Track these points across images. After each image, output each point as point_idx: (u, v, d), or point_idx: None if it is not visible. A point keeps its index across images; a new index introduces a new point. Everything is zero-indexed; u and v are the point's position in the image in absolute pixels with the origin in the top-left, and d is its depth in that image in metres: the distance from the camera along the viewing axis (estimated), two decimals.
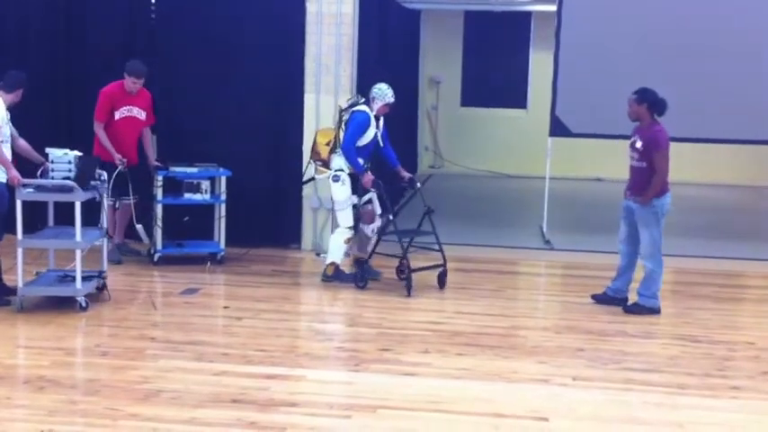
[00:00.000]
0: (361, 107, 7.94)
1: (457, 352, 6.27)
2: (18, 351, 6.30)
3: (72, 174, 7.01)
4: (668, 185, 7.33)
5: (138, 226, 8.52)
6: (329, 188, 8.21)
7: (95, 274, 7.35)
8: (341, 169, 7.97)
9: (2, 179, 6.95)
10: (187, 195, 8.57)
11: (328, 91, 9.17)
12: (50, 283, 7.23)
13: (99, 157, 7.93)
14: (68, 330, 6.61)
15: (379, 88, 7.94)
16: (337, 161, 8.00)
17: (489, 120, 16.49)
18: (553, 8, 10.63)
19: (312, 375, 5.84)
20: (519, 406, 5.33)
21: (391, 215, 7.86)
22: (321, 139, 8.13)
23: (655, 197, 7.23)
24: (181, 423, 4.91)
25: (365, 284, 7.91)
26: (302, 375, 5.81)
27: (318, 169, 8.24)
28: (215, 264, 8.63)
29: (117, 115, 8.41)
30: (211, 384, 5.51)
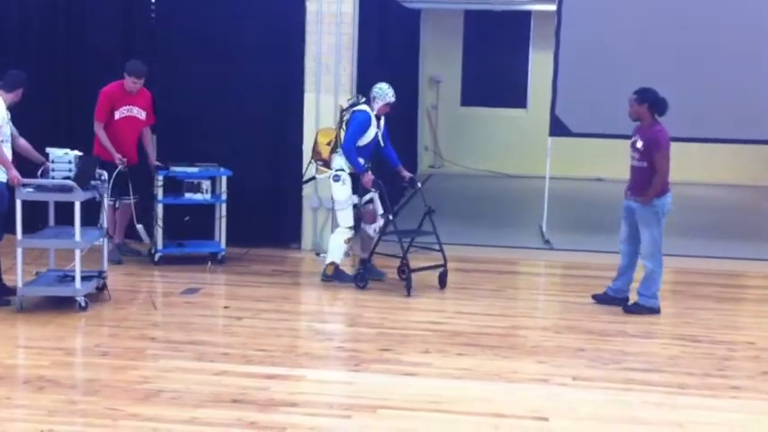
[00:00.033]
0: (361, 107, 7.93)
1: (457, 352, 6.27)
2: (18, 351, 6.29)
3: (72, 174, 7.01)
4: (669, 185, 7.33)
5: (139, 226, 8.52)
6: (329, 188, 8.20)
7: (95, 274, 7.35)
8: (341, 169, 7.97)
9: (2, 179, 6.95)
10: (188, 195, 8.57)
11: (328, 90, 9.17)
12: (50, 283, 7.23)
13: (99, 157, 7.93)
14: (68, 330, 6.61)
15: (379, 88, 7.94)
16: (338, 161, 8.00)
17: (489, 119, 16.49)
18: (553, 7, 10.63)
19: (312, 375, 5.84)
20: (519, 406, 5.33)
21: (391, 215, 7.86)
22: (322, 139, 8.13)
23: (655, 197, 7.23)
24: (181, 423, 4.91)
25: (365, 284, 7.91)
26: (302, 375, 5.81)
27: (319, 169, 8.23)
28: (216, 263, 8.63)
29: (117, 115, 8.41)
30: (211, 384, 5.51)
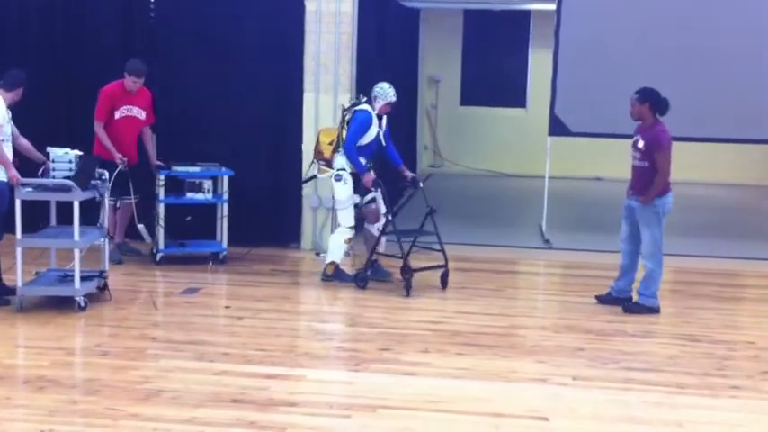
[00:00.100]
0: (363, 106, 7.93)
1: (456, 351, 6.27)
2: (18, 351, 6.30)
3: (72, 173, 7.01)
4: (670, 185, 7.32)
5: (140, 225, 8.52)
6: (330, 187, 8.19)
7: (96, 274, 7.35)
8: (343, 168, 7.96)
9: (2, 178, 6.95)
10: (189, 195, 8.57)
11: (327, 90, 9.17)
12: (50, 283, 7.23)
13: (99, 157, 7.93)
14: (68, 330, 6.62)
15: (380, 87, 7.94)
16: (340, 160, 7.99)
17: (489, 119, 16.49)
18: (552, 7, 10.63)
19: (312, 375, 5.84)
20: (518, 405, 5.34)
21: (390, 215, 7.85)
22: (324, 139, 8.13)
23: (656, 197, 7.23)
24: (181, 423, 4.92)
25: (365, 284, 7.91)
26: (302, 375, 5.81)
27: (321, 169, 8.20)
28: (217, 263, 8.63)
29: (117, 114, 8.41)
30: (211, 384, 5.51)
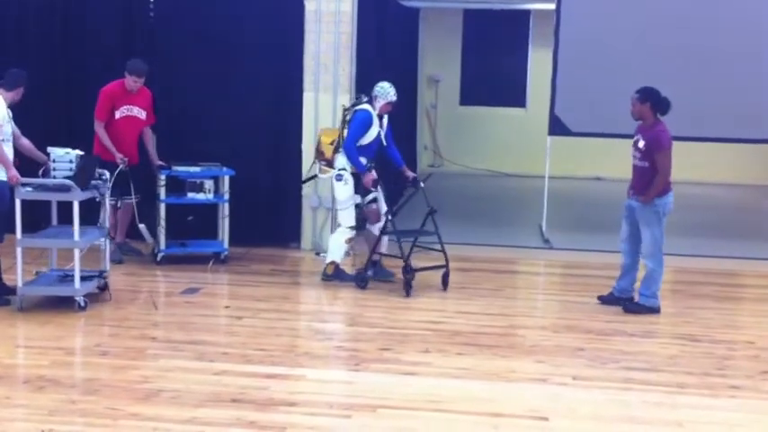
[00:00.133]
0: (363, 106, 7.92)
1: (456, 351, 6.27)
2: (18, 351, 6.30)
3: (73, 173, 7.02)
4: (671, 185, 7.32)
5: (141, 225, 8.52)
6: (329, 187, 8.18)
7: (96, 274, 7.35)
8: (344, 168, 7.96)
9: (2, 177, 6.96)
10: (190, 195, 8.56)
11: (327, 89, 9.16)
12: (51, 283, 7.23)
13: (99, 157, 7.92)
14: (68, 330, 6.62)
15: (381, 87, 7.93)
16: (341, 160, 7.98)
17: (488, 118, 16.49)
18: (552, 6, 10.63)
19: (312, 375, 5.84)
20: (518, 405, 5.34)
21: (390, 215, 7.85)
22: (325, 139, 8.13)
23: (657, 197, 7.22)
24: (181, 423, 4.92)
25: (365, 284, 7.91)
26: (302, 375, 5.81)
27: (322, 169, 8.18)
28: (219, 263, 8.63)
29: (117, 114, 8.41)
30: (211, 384, 5.52)
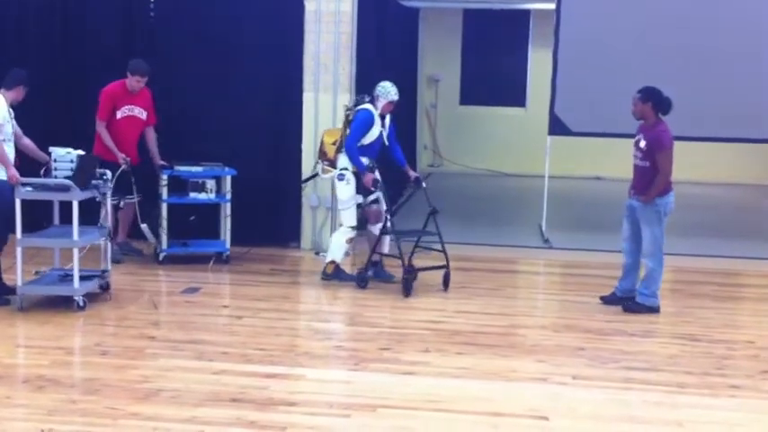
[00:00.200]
0: (365, 106, 7.92)
1: (456, 351, 6.27)
2: (17, 350, 6.30)
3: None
4: (671, 185, 7.32)
5: (143, 225, 8.52)
6: (329, 187, 8.17)
7: (97, 274, 7.35)
8: (346, 168, 7.95)
9: (3, 177, 6.96)
10: (192, 195, 8.55)
11: (327, 89, 9.16)
12: (51, 283, 7.23)
13: (99, 157, 7.92)
14: (68, 330, 6.62)
15: (382, 86, 7.93)
16: (343, 160, 7.97)
17: (488, 118, 16.49)
18: (552, 6, 10.63)
19: (311, 374, 5.84)
20: (518, 405, 5.34)
21: (390, 215, 7.85)
22: (328, 139, 8.12)
23: (658, 196, 7.22)
24: (180, 422, 4.92)
25: (366, 284, 7.91)
26: (302, 374, 5.81)
27: (325, 169, 8.16)
28: (221, 263, 8.62)
29: (118, 114, 8.42)
30: (211, 383, 5.51)
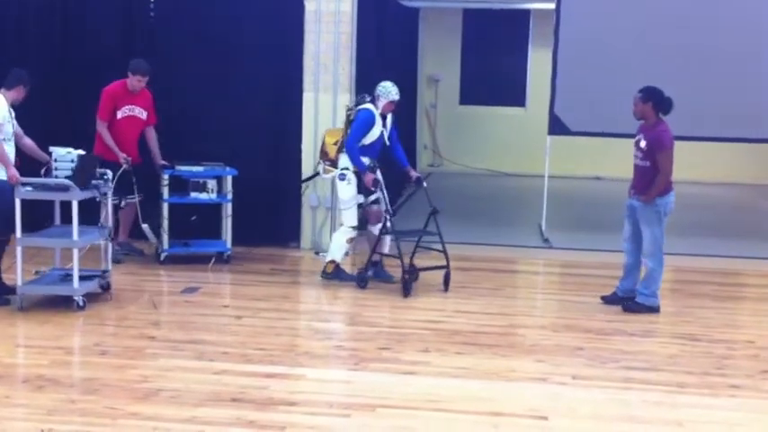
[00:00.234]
0: (366, 105, 7.92)
1: (456, 351, 6.27)
2: (17, 350, 6.30)
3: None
4: (672, 185, 7.32)
5: (144, 225, 8.52)
6: (329, 187, 8.16)
7: (97, 274, 7.35)
8: (347, 168, 7.95)
9: (3, 176, 6.96)
10: (193, 194, 8.55)
11: (327, 90, 9.16)
12: (51, 282, 7.23)
13: (99, 156, 7.92)
14: (67, 329, 6.62)
15: (383, 86, 7.92)
16: (344, 160, 7.97)
17: (488, 118, 16.48)
18: (552, 6, 10.63)
19: (311, 374, 5.84)
20: (518, 405, 5.34)
21: (389, 214, 7.85)
22: (329, 139, 8.11)
23: (658, 196, 7.22)
24: (180, 422, 4.92)
25: (366, 284, 7.90)
26: (302, 374, 5.81)
27: (326, 169, 8.15)
28: (222, 263, 8.62)
29: (119, 114, 8.42)
30: (211, 383, 5.51)
